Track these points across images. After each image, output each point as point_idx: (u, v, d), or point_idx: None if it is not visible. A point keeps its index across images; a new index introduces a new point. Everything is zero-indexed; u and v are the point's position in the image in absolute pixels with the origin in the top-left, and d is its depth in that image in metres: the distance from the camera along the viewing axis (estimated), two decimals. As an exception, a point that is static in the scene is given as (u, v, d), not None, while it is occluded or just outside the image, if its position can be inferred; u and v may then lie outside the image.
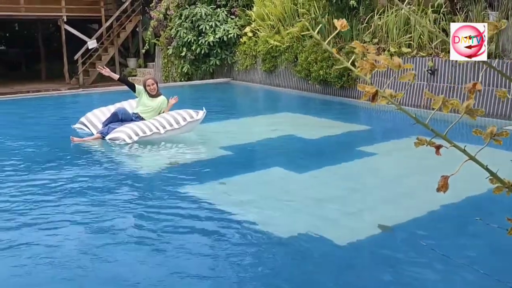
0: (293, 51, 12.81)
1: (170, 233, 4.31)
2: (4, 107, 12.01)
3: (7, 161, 6.68)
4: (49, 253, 3.91)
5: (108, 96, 12.59)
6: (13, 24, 24.94)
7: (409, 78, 1.53)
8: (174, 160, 6.79)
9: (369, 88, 1.44)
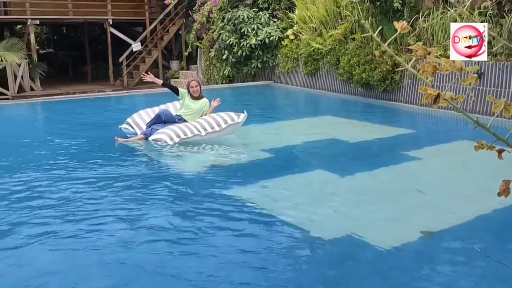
0: (335, 53, 12.72)
1: (212, 233, 4.34)
2: (52, 108, 12.38)
3: (55, 159, 6.87)
4: (94, 246, 4.04)
5: (151, 98, 12.81)
6: (61, 28, 25.68)
7: (471, 81, 1.49)
8: (216, 161, 6.84)
9: (431, 90, 1.41)
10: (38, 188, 5.60)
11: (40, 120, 11.58)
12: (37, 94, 16.60)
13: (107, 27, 19.35)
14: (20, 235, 4.27)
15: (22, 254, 3.96)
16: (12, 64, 15.92)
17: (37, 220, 4.63)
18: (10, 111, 12.24)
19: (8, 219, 4.63)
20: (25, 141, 8.38)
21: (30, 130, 9.85)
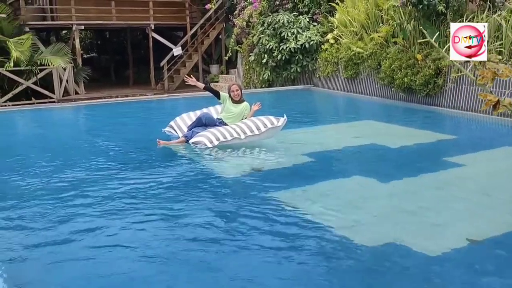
0: (377, 57, 12.60)
1: (252, 234, 4.38)
2: (95, 111, 12.68)
3: (100, 161, 7.05)
4: (138, 242, 4.21)
5: (191, 101, 12.96)
6: (104, 32, 26.27)
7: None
8: (255, 165, 6.88)
9: (491, 97, 1.39)
10: (84, 187, 5.77)
11: (84, 123, 11.88)
12: (81, 97, 17.03)
13: (149, 32, 19.69)
14: (67, 230, 4.47)
15: (68, 248, 4.12)
16: (58, 68, 16.38)
17: (84, 217, 4.81)
18: (57, 113, 12.61)
19: (57, 215, 4.83)
20: (71, 142, 8.64)
21: (76, 132, 10.13)
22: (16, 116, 12.09)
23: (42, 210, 5.00)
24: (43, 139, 9.24)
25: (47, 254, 4.03)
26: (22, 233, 4.39)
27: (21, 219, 4.72)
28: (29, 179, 6.11)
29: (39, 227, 4.56)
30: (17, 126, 11.32)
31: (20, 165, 6.86)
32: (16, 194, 5.55)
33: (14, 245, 4.10)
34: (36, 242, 4.25)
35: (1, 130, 10.33)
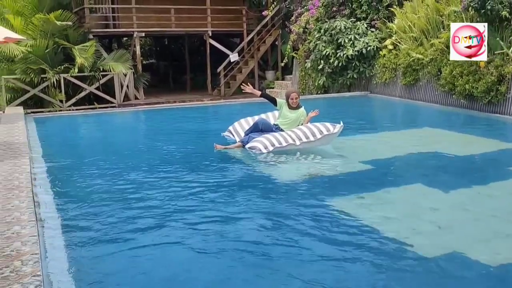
0: (437, 64, 12.29)
1: (307, 240, 4.36)
2: (154, 116, 13.00)
3: (157, 165, 7.22)
4: (194, 241, 4.34)
5: (247, 107, 13.05)
6: (163, 39, 26.89)
7: None
8: (311, 171, 6.86)
9: None
10: (144, 189, 5.95)
11: (143, 127, 12.20)
12: (140, 102, 17.49)
13: (207, 39, 20.00)
14: (129, 228, 4.66)
15: (129, 245, 4.29)
16: (119, 74, 16.89)
17: (144, 217, 4.95)
18: (117, 118, 13.01)
19: (120, 215, 5.02)
20: (131, 146, 8.89)
21: (135, 136, 10.42)
22: (80, 120, 12.56)
23: (107, 209, 5.20)
24: (105, 142, 9.56)
25: (110, 252, 4.17)
26: (87, 232, 4.55)
27: (86, 219, 4.89)
28: (94, 180, 6.35)
29: (101, 226, 4.71)
30: (80, 129, 11.76)
31: (85, 166, 7.11)
32: (81, 194, 5.76)
33: (80, 243, 4.25)
34: (101, 239, 4.42)
35: (66, 133, 10.77)
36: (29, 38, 15.30)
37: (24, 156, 6.32)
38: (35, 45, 15.68)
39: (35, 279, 2.88)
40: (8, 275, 2.94)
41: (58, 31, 16.36)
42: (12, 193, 4.65)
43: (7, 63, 16.32)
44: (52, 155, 7.46)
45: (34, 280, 2.87)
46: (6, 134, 8.08)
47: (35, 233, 3.59)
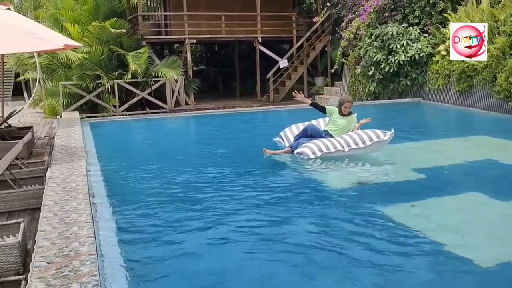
0: (492, 70, 11.93)
1: (357, 248, 4.32)
2: (204, 121, 13.17)
3: (208, 169, 7.33)
4: (242, 243, 4.44)
5: (296, 113, 13.03)
6: (213, 46, 27.23)
7: None
8: (361, 178, 6.78)
9: None
10: (196, 192, 6.07)
11: (194, 132, 12.39)
12: (191, 108, 17.76)
13: (256, 45, 20.12)
14: (182, 229, 4.81)
15: (183, 245, 4.43)
16: (171, 80, 17.22)
17: (196, 219, 5.09)
18: (169, 123, 13.26)
19: (174, 216, 5.19)
20: (183, 150, 9.06)
21: (186, 141, 10.60)
22: (132, 125, 12.87)
23: (160, 211, 5.35)
24: (157, 147, 9.77)
25: (163, 253, 4.30)
26: (141, 233, 4.69)
27: (140, 220, 5.04)
28: (146, 183, 6.53)
29: (154, 228, 4.85)
30: (133, 133, 12.05)
31: (138, 170, 7.30)
32: (135, 197, 5.93)
33: (135, 244, 4.38)
34: (154, 240, 4.56)
35: (119, 137, 11.06)
36: (85, 45, 15.82)
37: (81, 159, 6.53)
38: (91, 52, 16.19)
39: (93, 279, 2.98)
40: (67, 274, 3.05)
41: (112, 38, 16.84)
42: (70, 195, 4.81)
43: (65, 69, 16.91)
44: (106, 158, 7.68)
45: (92, 279, 2.97)
46: (63, 138, 8.37)
47: (92, 234, 3.71)
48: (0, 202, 5.74)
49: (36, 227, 5.15)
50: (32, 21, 8.75)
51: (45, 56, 16.42)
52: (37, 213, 5.55)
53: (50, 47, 7.33)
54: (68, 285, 2.90)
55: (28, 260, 4.24)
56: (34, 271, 3.10)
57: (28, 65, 18.21)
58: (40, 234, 3.77)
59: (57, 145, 7.72)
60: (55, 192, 4.92)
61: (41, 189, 5.77)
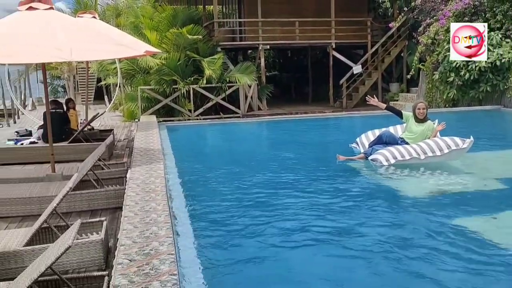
0: None
1: (430, 260, 4.20)
2: (277, 126, 13.26)
3: (280, 174, 7.40)
4: (317, 249, 4.44)
5: (369, 119, 12.88)
6: (286, 51, 27.35)
7: None
8: (437, 187, 6.60)
9: None
10: (270, 196, 6.16)
11: (267, 137, 12.50)
12: (263, 113, 17.91)
13: (330, 50, 20.02)
14: (257, 233, 4.89)
15: (258, 248, 4.51)
16: (244, 85, 17.46)
17: (269, 223, 5.15)
18: (242, 127, 13.46)
19: (248, 220, 5.29)
20: (255, 155, 9.18)
21: (259, 146, 10.74)
22: (206, 129, 13.17)
23: (235, 214, 5.50)
24: (230, 151, 9.96)
25: (238, 255, 4.40)
26: (217, 235, 4.82)
27: (216, 222, 5.20)
28: (221, 186, 6.72)
29: (230, 230, 4.98)
30: (207, 137, 12.34)
31: (213, 173, 7.49)
32: (211, 199, 6.09)
33: (211, 245, 4.50)
34: (230, 243, 4.69)
35: (194, 141, 11.35)
36: (163, 51, 16.35)
37: (159, 161, 6.75)
38: (169, 58, 16.72)
39: (172, 278, 3.08)
40: (148, 272, 3.17)
41: (189, 45, 17.29)
42: (149, 196, 5.00)
43: (143, 75, 17.55)
44: (183, 161, 7.91)
45: (171, 278, 3.07)
46: (142, 140, 8.70)
47: (170, 234, 3.83)
48: (85, 201, 6.04)
49: (116, 225, 5.40)
50: (116, 29, 9.17)
51: (125, 62, 17.12)
52: (117, 212, 5.81)
53: (133, 54, 7.64)
54: (149, 282, 3.01)
55: (109, 257, 4.45)
56: (118, 268, 3.25)
57: (109, 71, 19.05)
58: (122, 232, 3.94)
59: (136, 147, 8.04)
60: (135, 193, 5.12)
61: (122, 190, 6.03)
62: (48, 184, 6.39)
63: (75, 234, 3.23)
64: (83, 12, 9.22)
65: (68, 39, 6.23)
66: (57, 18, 6.72)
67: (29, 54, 6.17)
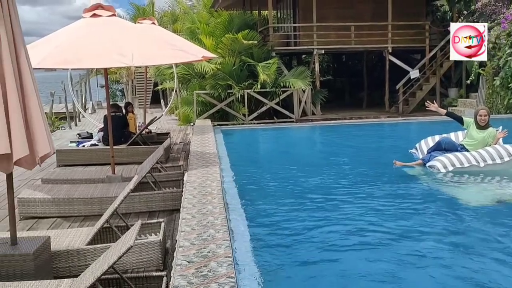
0: None
1: (491, 273, 4.09)
2: (330, 131, 13.17)
3: (337, 178, 7.38)
4: (376, 253, 4.35)
5: (426, 125, 12.61)
6: (341, 56, 27.14)
7: None
8: (498, 196, 6.41)
9: None
10: (326, 201, 6.15)
11: (321, 142, 12.44)
12: (317, 118, 17.83)
13: (386, 55, 19.71)
14: (312, 239, 4.90)
15: (316, 253, 4.51)
16: (298, 90, 17.44)
17: (325, 226, 5.20)
18: (295, 132, 13.45)
19: (303, 224, 5.31)
20: (310, 160, 9.17)
21: (313, 151, 10.72)
22: (260, 133, 13.24)
23: (290, 217, 5.55)
24: (284, 155, 9.98)
25: (295, 259, 4.42)
26: (273, 239, 4.85)
27: (272, 226, 5.24)
28: (277, 190, 6.76)
29: (286, 235, 5.00)
30: (261, 142, 12.40)
31: (268, 177, 7.54)
32: (266, 203, 6.14)
33: (268, 249, 4.54)
34: (285, 246, 4.71)
35: (249, 145, 11.44)
36: (219, 56, 16.56)
37: (215, 165, 6.85)
38: (224, 63, 16.92)
39: (230, 280, 3.12)
40: (206, 274, 3.23)
41: (244, 50, 17.44)
42: (206, 198, 5.08)
43: (199, 79, 17.83)
44: (238, 164, 7.99)
45: (229, 281, 3.11)
46: (198, 144, 8.84)
47: (227, 237, 3.88)
48: (143, 202, 6.20)
49: (173, 227, 5.51)
50: (174, 34, 9.37)
51: (181, 66, 17.44)
52: (174, 214, 5.94)
53: (191, 59, 7.80)
54: (208, 284, 3.06)
55: (167, 258, 4.55)
56: (177, 269, 3.32)
57: (166, 75, 19.46)
58: (180, 234, 4.02)
59: (192, 151, 8.18)
60: (192, 196, 5.21)
61: (179, 192, 6.16)
62: (108, 185, 6.59)
63: (136, 235, 3.33)
64: (143, 19, 9.45)
65: (130, 44, 6.43)
66: (119, 25, 6.95)
67: (93, 59, 6.41)
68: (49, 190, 6.26)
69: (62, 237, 4.61)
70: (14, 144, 3.51)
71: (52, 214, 6.01)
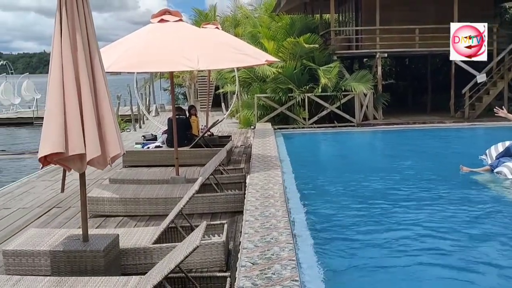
0: None
1: None
2: (393, 136, 12.96)
3: (400, 184, 7.24)
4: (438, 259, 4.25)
5: (494, 131, 12.20)
6: (403, 59, 26.58)
7: None
8: None
9: None
10: (388, 206, 6.10)
11: (383, 147, 12.25)
12: (379, 122, 17.52)
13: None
14: (374, 243, 4.91)
15: (378, 258, 4.50)
16: (360, 94, 17.22)
17: (387, 231, 5.17)
18: (357, 137, 13.33)
19: (367, 229, 5.33)
20: (371, 164, 9.06)
21: (375, 156, 10.57)
22: (320, 137, 13.18)
23: (352, 221, 5.57)
24: (345, 159, 9.92)
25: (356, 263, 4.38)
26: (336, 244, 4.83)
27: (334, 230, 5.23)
28: (339, 194, 6.72)
29: (347, 239, 4.96)
30: (322, 146, 12.36)
31: (329, 181, 7.52)
32: (328, 207, 6.12)
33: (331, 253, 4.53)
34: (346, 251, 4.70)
35: (309, 149, 11.43)
36: (280, 60, 16.61)
37: (276, 168, 6.88)
38: (285, 67, 16.94)
39: (294, 284, 3.13)
40: (270, 276, 3.25)
41: (305, 53, 17.40)
42: (268, 201, 5.11)
43: (260, 83, 17.93)
44: (299, 168, 8.00)
45: (293, 284, 3.12)
46: (259, 147, 8.91)
47: (291, 240, 3.89)
48: (206, 203, 6.30)
49: (235, 229, 5.57)
50: (237, 39, 9.49)
51: (243, 70, 17.59)
52: (236, 216, 5.99)
53: (255, 63, 7.88)
54: (272, 286, 3.08)
55: (229, 259, 4.61)
56: (241, 270, 3.36)
57: (227, 79, 19.70)
58: (244, 236, 4.07)
59: (254, 154, 8.24)
60: (255, 198, 5.26)
61: (241, 194, 6.21)
62: (172, 186, 6.74)
63: (202, 235, 3.39)
64: (207, 23, 9.62)
65: (195, 49, 6.57)
66: (185, 30, 7.11)
67: (160, 63, 6.59)
68: (116, 190, 6.48)
69: (129, 235, 4.75)
70: (87, 144, 3.66)
71: (119, 213, 6.21)
